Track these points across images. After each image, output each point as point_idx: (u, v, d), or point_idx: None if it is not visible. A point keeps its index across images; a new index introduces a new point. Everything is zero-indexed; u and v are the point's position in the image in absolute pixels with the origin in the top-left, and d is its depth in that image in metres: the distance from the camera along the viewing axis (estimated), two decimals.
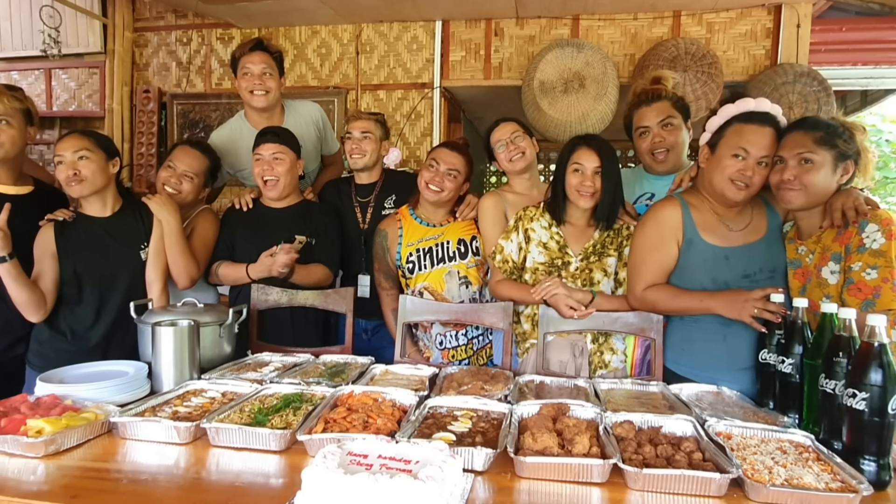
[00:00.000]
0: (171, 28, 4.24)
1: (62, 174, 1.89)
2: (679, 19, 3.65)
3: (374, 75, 4.03)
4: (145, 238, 2.04)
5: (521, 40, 3.85)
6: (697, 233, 1.72)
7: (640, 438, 1.21)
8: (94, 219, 2.00)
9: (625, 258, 1.92)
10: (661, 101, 2.05)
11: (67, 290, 1.94)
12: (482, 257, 2.18)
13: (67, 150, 1.89)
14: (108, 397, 1.43)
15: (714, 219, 1.73)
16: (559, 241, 1.94)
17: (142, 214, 2.06)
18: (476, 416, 1.34)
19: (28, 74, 4.39)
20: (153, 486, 1.08)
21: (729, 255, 1.69)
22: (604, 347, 1.94)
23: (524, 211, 2.00)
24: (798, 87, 3.34)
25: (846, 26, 3.60)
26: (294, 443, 1.23)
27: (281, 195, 2.25)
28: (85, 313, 1.95)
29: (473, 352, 2.18)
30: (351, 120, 2.48)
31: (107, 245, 1.98)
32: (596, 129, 3.59)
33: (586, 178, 1.85)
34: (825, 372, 1.23)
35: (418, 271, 2.18)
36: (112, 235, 2.00)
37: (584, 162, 1.85)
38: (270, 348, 2.00)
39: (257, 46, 2.48)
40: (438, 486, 0.89)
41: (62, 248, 1.92)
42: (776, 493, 1.01)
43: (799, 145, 1.53)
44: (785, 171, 1.55)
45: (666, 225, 1.75)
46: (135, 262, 2.02)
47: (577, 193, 1.87)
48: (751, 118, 1.64)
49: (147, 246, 2.04)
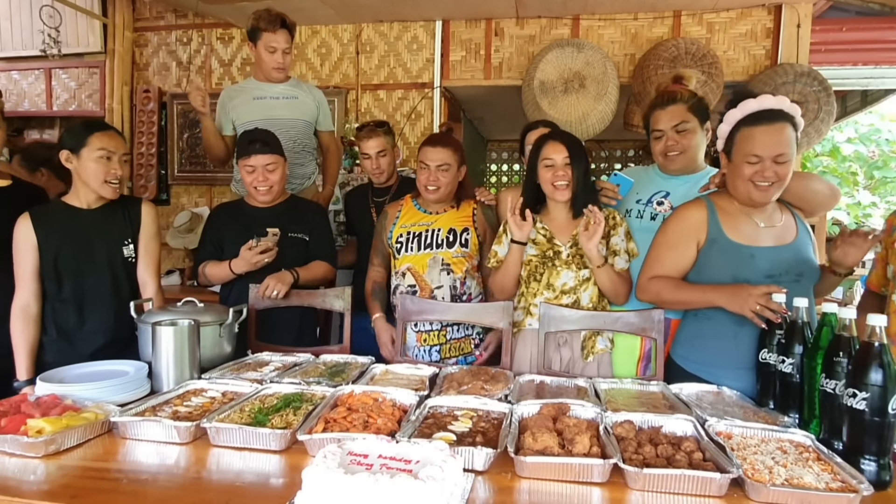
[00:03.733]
0: (172, 28, 4.24)
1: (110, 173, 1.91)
2: (679, 19, 3.66)
3: (375, 75, 4.04)
4: (130, 234, 2.01)
5: (521, 40, 3.86)
6: (722, 232, 1.70)
7: (641, 438, 1.21)
8: (78, 210, 1.95)
9: (611, 246, 1.95)
10: (676, 104, 2.02)
11: (48, 285, 1.90)
12: (471, 250, 2.20)
13: (120, 150, 1.93)
14: (108, 397, 1.43)
15: (743, 219, 1.71)
16: (546, 234, 1.98)
17: (128, 210, 2.02)
18: (476, 416, 1.34)
19: (28, 74, 4.39)
20: (153, 485, 1.08)
21: (755, 254, 1.67)
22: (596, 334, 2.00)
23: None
24: (798, 87, 3.34)
25: (846, 26, 3.60)
26: (294, 442, 1.23)
27: (272, 201, 2.30)
28: (67, 310, 1.92)
29: (446, 340, 2.17)
30: (362, 139, 2.58)
31: (88, 237, 1.94)
32: (596, 129, 3.60)
33: (558, 169, 1.91)
34: (825, 372, 1.22)
35: (405, 252, 2.20)
36: (94, 227, 1.95)
37: (554, 155, 1.92)
38: (270, 348, 2.00)
39: (282, 24, 2.61)
40: (439, 485, 0.89)
41: (42, 239, 1.88)
42: (776, 492, 1.01)
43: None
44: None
45: (688, 225, 1.74)
46: (117, 257, 1.97)
47: (552, 188, 1.93)
48: (757, 120, 1.62)
49: (130, 242, 2.00)
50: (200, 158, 4.24)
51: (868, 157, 8.13)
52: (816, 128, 3.38)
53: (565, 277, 1.97)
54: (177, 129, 4.26)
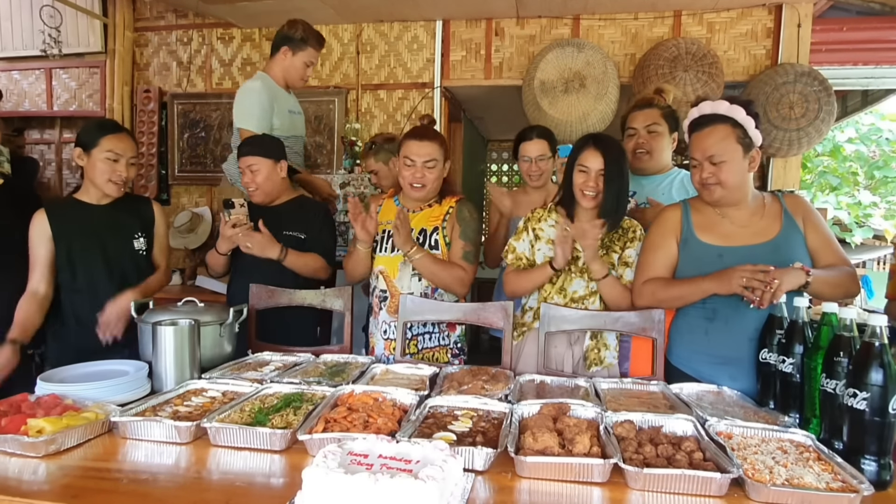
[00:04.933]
0: (172, 28, 4.24)
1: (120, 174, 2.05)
2: (679, 19, 3.65)
3: (375, 75, 4.03)
4: (139, 228, 2.15)
5: (521, 40, 3.85)
6: (693, 232, 1.77)
7: (641, 438, 1.21)
8: (89, 205, 2.09)
9: (624, 257, 1.97)
10: (652, 108, 2.30)
11: (62, 276, 2.05)
12: (441, 252, 2.12)
13: (129, 153, 2.07)
14: (108, 397, 1.43)
15: (717, 219, 1.76)
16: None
17: (139, 208, 2.19)
18: (476, 416, 1.34)
19: (28, 74, 4.39)
20: (153, 485, 1.08)
21: (724, 253, 1.70)
22: (600, 344, 1.99)
23: (532, 213, 2.09)
24: (798, 87, 3.34)
25: (847, 26, 3.60)
26: (294, 442, 1.23)
27: (265, 200, 2.33)
28: (83, 299, 2.04)
29: (418, 350, 2.11)
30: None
31: (98, 231, 2.07)
32: (596, 129, 3.59)
33: (590, 178, 1.90)
34: (826, 372, 1.23)
35: (379, 252, 2.17)
36: (105, 222, 2.09)
37: (589, 164, 1.90)
38: (270, 348, 2.00)
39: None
40: (439, 485, 0.89)
41: (56, 232, 2.03)
42: (777, 492, 1.01)
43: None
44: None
45: (666, 226, 1.83)
46: (126, 249, 2.11)
47: (580, 193, 1.93)
48: (695, 127, 1.74)
49: (141, 235, 2.15)
50: (201, 158, 4.24)
51: (869, 156, 8.14)
52: (817, 128, 3.38)
53: (577, 285, 1.97)
54: (177, 129, 4.25)
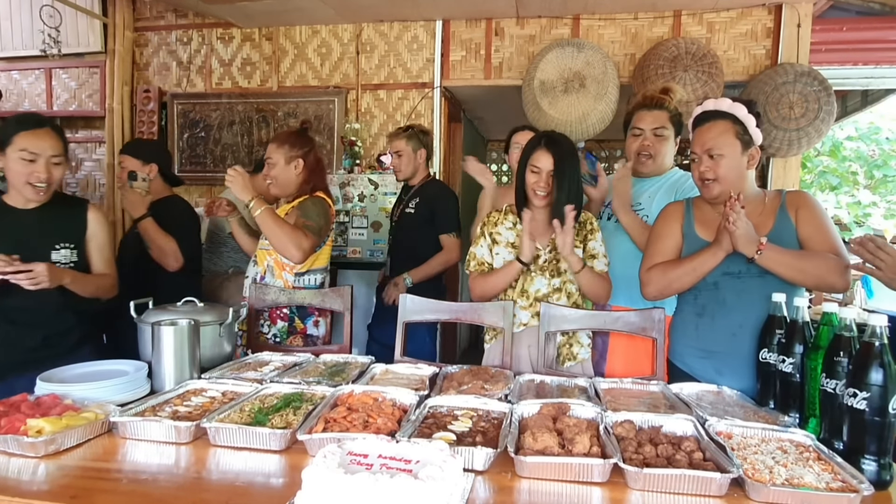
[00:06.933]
0: (172, 28, 4.24)
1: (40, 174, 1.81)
2: (679, 19, 3.65)
3: (375, 75, 4.03)
4: (65, 238, 1.89)
5: (521, 40, 3.85)
6: (693, 227, 1.79)
7: (641, 438, 1.20)
8: (14, 210, 1.86)
9: (589, 250, 1.99)
10: (661, 110, 2.19)
11: None
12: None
13: (49, 151, 1.81)
14: (108, 397, 1.43)
15: (715, 216, 1.76)
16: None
17: (71, 213, 1.94)
18: (476, 416, 1.34)
19: (28, 74, 4.40)
20: (153, 485, 1.08)
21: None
22: (572, 340, 2.02)
23: (488, 218, 2.09)
24: (798, 87, 3.34)
25: (847, 26, 3.60)
26: (294, 442, 1.23)
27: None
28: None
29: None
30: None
31: (21, 237, 1.82)
32: (596, 129, 3.59)
33: (541, 179, 1.91)
34: (826, 371, 1.22)
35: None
36: (28, 228, 1.85)
37: (541, 164, 1.91)
38: (270, 348, 2.00)
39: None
40: (439, 485, 0.89)
41: None
42: (777, 492, 1.01)
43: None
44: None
45: (671, 216, 1.85)
46: (47, 260, 1.80)
47: (532, 193, 1.94)
48: (699, 122, 1.74)
49: (68, 246, 1.89)
50: (200, 158, 4.25)
51: (868, 156, 8.14)
52: (817, 127, 3.38)
53: (539, 284, 1.99)
54: (177, 129, 4.26)
